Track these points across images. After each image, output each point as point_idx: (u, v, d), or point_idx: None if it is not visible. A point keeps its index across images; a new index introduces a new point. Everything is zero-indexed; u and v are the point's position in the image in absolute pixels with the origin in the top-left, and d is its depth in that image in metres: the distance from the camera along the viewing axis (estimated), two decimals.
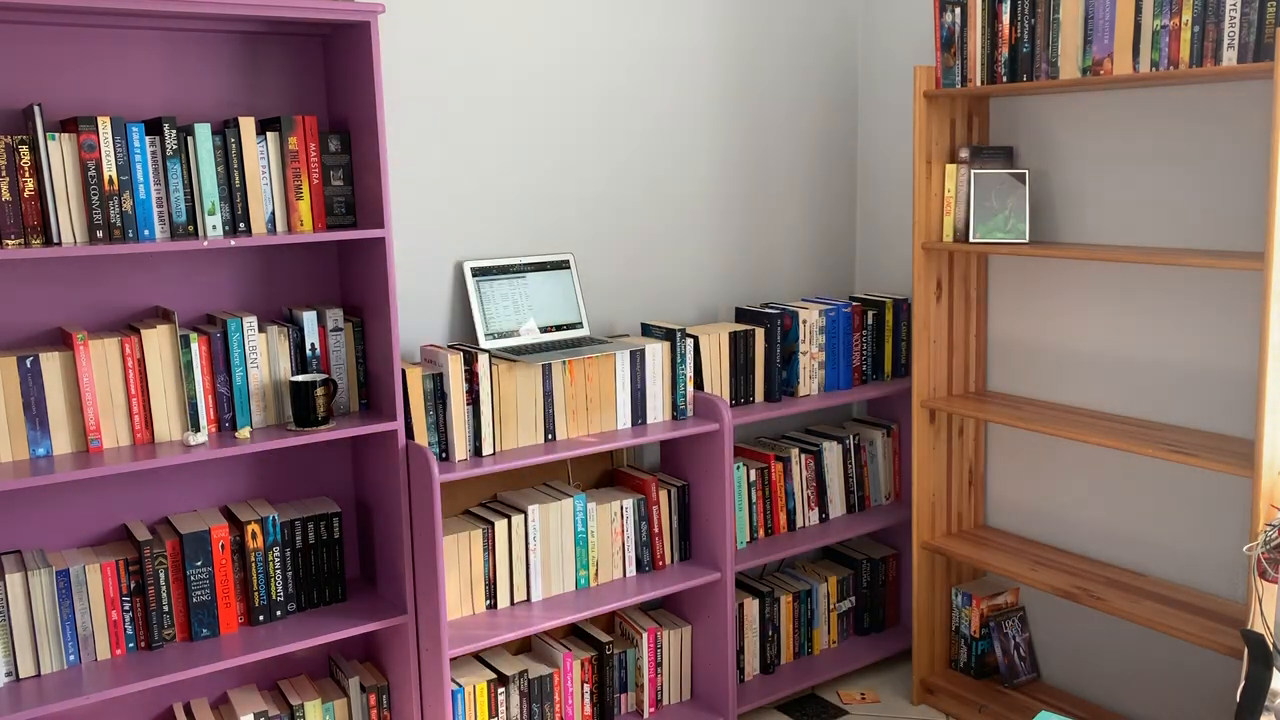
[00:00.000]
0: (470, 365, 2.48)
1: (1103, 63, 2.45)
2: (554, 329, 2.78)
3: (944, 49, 2.79)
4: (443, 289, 2.71)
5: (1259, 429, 2.20)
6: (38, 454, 2.12)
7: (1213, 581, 2.65)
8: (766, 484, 3.05)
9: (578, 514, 2.71)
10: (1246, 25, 2.19)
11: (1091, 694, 2.98)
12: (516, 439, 2.58)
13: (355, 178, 2.39)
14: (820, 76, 3.33)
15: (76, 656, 2.18)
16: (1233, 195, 2.50)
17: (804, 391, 3.07)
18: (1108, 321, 2.79)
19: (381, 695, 2.55)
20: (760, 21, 3.18)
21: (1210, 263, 2.29)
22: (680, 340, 2.78)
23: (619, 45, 2.92)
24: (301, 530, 2.41)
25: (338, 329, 2.42)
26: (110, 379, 2.17)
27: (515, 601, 2.65)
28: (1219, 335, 2.56)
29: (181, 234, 2.20)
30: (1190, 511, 2.68)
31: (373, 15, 2.24)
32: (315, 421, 2.31)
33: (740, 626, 3.04)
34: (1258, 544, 2.15)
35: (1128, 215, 2.71)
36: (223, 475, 2.46)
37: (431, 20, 2.62)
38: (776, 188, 3.28)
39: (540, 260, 2.79)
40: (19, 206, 2.02)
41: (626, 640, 2.91)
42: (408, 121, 2.61)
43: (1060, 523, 2.99)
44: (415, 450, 2.38)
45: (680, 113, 3.06)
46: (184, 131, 2.18)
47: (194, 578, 2.27)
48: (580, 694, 2.78)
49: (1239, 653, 2.22)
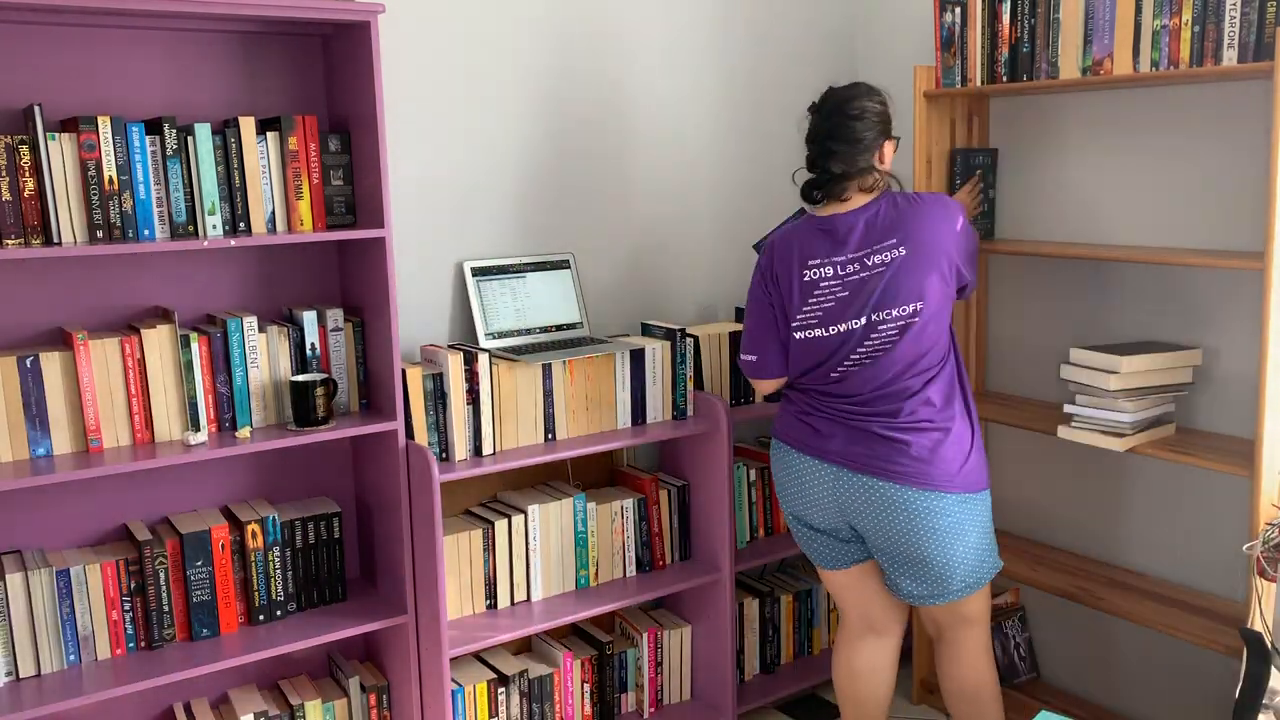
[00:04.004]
0: (470, 365, 2.48)
1: (1103, 63, 2.45)
2: (554, 329, 2.78)
3: (944, 49, 2.79)
4: (443, 289, 2.71)
5: (1259, 429, 2.20)
6: (38, 454, 2.12)
7: (1213, 581, 2.65)
8: (766, 484, 3.05)
9: (578, 514, 2.71)
10: (1246, 25, 2.19)
11: (1091, 694, 2.98)
12: (516, 439, 2.58)
13: (355, 178, 2.39)
14: (821, 76, 3.33)
15: (76, 656, 2.18)
16: (1233, 195, 2.50)
17: None
18: (1108, 321, 2.79)
19: (381, 695, 2.55)
20: (761, 21, 3.18)
21: (1210, 263, 2.29)
22: (680, 340, 2.78)
23: (619, 45, 2.92)
24: (301, 530, 2.41)
25: (338, 329, 2.42)
26: (110, 379, 2.17)
27: (515, 601, 2.65)
28: (1219, 335, 2.56)
29: (181, 234, 2.20)
30: (1190, 511, 2.68)
31: (373, 15, 2.24)
32: (315, 421, 2.31)
33: (740, 626, 3.04)
34: (1257, 544, 2.15)
35: (1128, 215, 2.71)
36: (223, 475, 2.46)
37: (431, 20, 2.62)
38: (777, 186, 3.28)
39: (540, 260, 2.79)
40: (19, 206, 2.02)
41: (626, 640, 2.91)
42: (408, 121, 2.62)
43: (1060, 523, 2.99)
44: (415, 450, 2.38)
45: (681, 112, 3.06)
46: (184, 131, 2.18)
47: (194, 578, 2.27)
48: (580, 694, 2.78)
49: (1239, 652, 2.22)
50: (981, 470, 2.27)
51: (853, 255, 2.24)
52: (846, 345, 2.24)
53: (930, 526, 2.21)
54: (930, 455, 2.20)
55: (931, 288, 2.19)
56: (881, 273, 2.20)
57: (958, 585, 2.29)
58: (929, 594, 2.31)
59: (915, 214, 2.22)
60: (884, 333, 2.21)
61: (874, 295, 2.20)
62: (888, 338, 2.21)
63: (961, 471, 2.22)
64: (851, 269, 2.24)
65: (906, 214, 2.22)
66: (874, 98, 2.29)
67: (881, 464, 2.21)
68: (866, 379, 2.24)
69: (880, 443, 2.22)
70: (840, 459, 2.26)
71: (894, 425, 2.22)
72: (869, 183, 2.26)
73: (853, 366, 2.25)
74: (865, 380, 2.24)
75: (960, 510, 2.22)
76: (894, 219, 2.22)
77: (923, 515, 2.20)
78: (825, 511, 2.33)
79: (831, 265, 2.26)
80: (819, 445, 2.30)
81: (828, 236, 2.27)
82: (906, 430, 2.21)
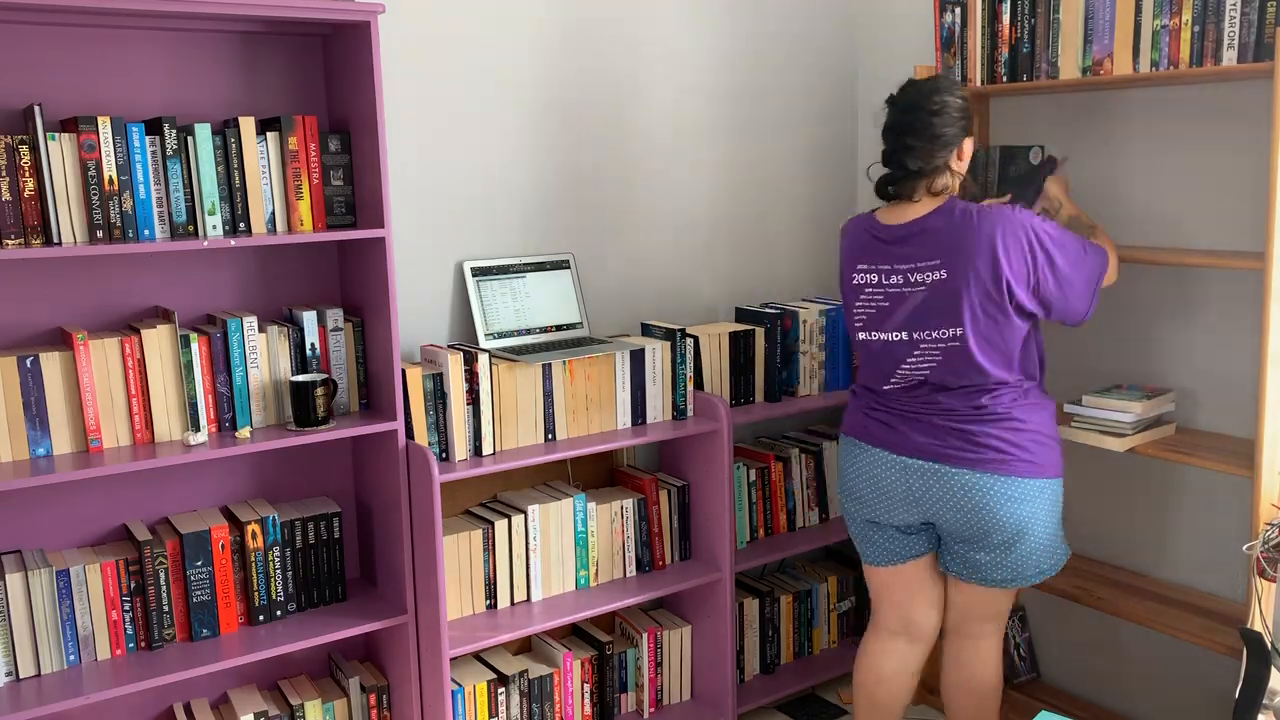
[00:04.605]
0: (470, 365, 2.48)
1: (1103, 63, 2.45)
2: (554, 329, 2.78)
3: (944, 49, 2.79)
4: (443, 289, 2.71)
5: (1259, 429, 2.20)
6: (38, 454, 2.12)
7: (1213, 581, 2.65)
8: (766, 484, 3.05)
9: (578, 514, 2.71)
10: (1246, 25, 2.19)
11: (1091, 694, 2.98)
12: (516, 439, 2.58)
13: (355, 178, 2.39)
14: (820, 76, 3.33)
15: (76, 656, 2.18)
16: (1233, 195, 2.50)
17: (804, 391, 3.07)
18: (1107, 321, 2.79)
19: (381, 695, 2.55)
20: (761, 21, 3.18)
21: (1210, 262, 2.29)
22: (680, 340, 2.78)
23: (619, 46, 2.92)
24: (301, 530, 2.41)
25: (338, 329, 2.42)
26: (110, 379, 2.17)
27: (515, 601, 2.65)
28: (1219, 335, 2.56)
29: (181, 234, 2.20)
30: (1190, 511, 2.68)
31: (373, 15, 2.24)
32: (315, 421, 2.31)
33: (740, 626, 3.04)
34: (1258, 544, 2.15)
35: (1128, 215, 2.71)
36: (223, 475, 2.46)
37: (431, 20, 2.62)
38: (777, 187, 3.28)
39: (540, 260, 2.79)
40: (19, 206, 2.02)
41: (626, 640, 2.91)
42: (408, 121, 2.61)
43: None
44: (415, 450, 2.38)
45: (681, 112, 3.06)
46: (184, 131, 2.18)
47: (194, 578, 2.27)
48: (580, 694, 2.78)
49: (1238, 652, 2.22)
50: (1054, 457, 2.24)
51: (898, 267, 2.20)
52: (895, 353, 2.23)
53: (1009, 512, 2.18)
54: (1007, 442, 2.17)
55: (970, 314, 2.13)
56: (921, 292, 2.17)
57: (1031, 571, 2.26)
58: (1005, 578, 2.27)
59: (968, 234, 2.12)
60: (928, 351, 2.19)
61: (911, 312, 2.19)
62: (932, 357, 2.19)
63: (1042, 456, 2.19)
64: (895, 280, 2.21)
65: (960, 233, 2.13)
66: (955, 92, 2.19)
67: (953, 452, 2.19)
68: (926, 387, 2.23)
69: (948, 433, 2.21)
70: (912, 451, 2.24)
71: (962, 416, 2.20)
72: (939, 185, 2.19)
73: (908, 377, 2.24)
74: (926, 387, 2.24)
75: (1039, 495, 2.19)
76: (946, 236, 2.14)
77: (1002, 501, 2.17)
78: (894, 502, 2.30)
79: (877, 273, 2.23)
80: (887, 438, 2.28)
81: (880, 243, 2.24)
82: (973, 421, 2.19)
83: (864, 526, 2.41)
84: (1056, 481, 2.24)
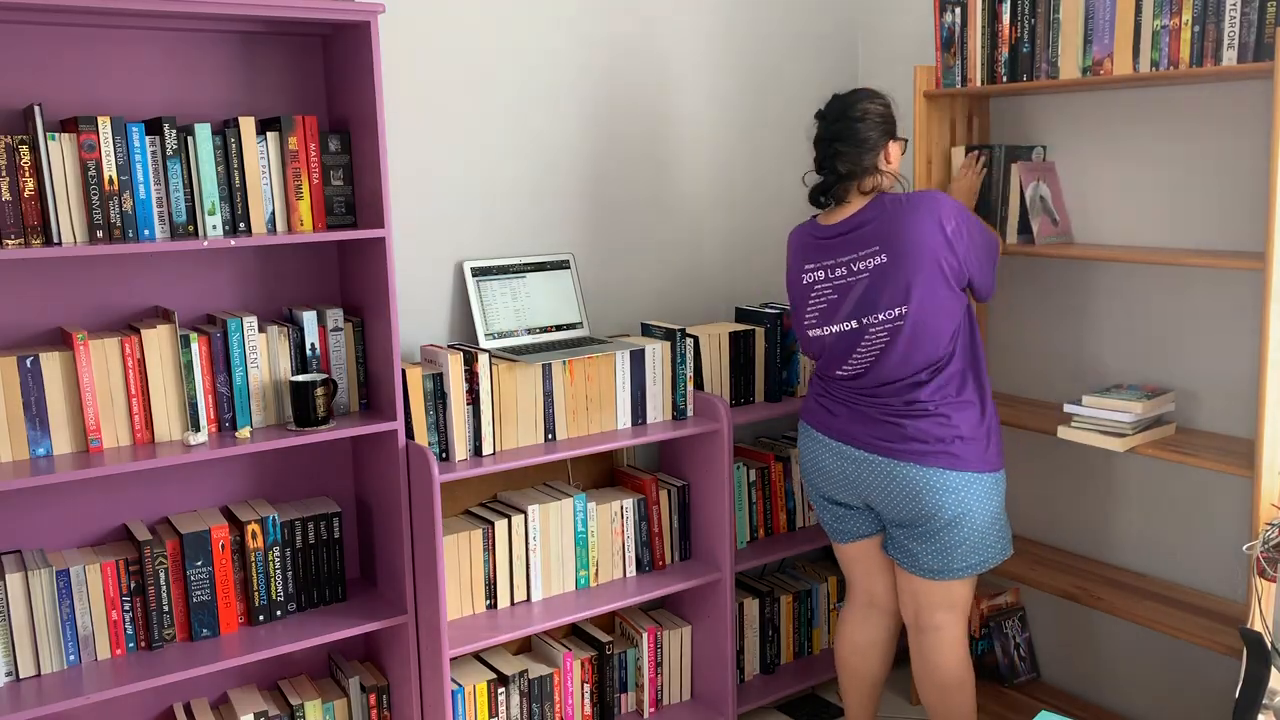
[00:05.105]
0: (470, 365, 2.48)
1: (1103, 63, 2.45)
2: (554, 329, 2.78)
3: (944, 49, 2.79)
4: (443, 289, 2.71)
5: (1259, 429, 2.20)
6: (38, 454, 2.12)
7: (1213, 581, 2.65)
8: (766, 484, 3.05)
9: (578, 514, 2.71)
10: (1246, 25, 2.19)
11: (1091, 694, 2.98)
12: (516, 439, 2.58)
13: (355, 178, 2.39)
14: (820, 76, 3.33)
15: (76, 656, 2.18)
16: (1233, 195, 2.50)
17: (804, 391, 3.07)
18: (1107, 321, 2.79)
19: (381, 695, 2.55)
20: (760, 21, 3.18)
21: (1210, 262, 2.29)
22: (680, 340, 2.78)
23: (619, 45, 2.92)
24: (301, 530, 2.41)
25: (338, 329, 2.42)
26: (110, 379, 2.17)
27: (515, 601, 2.65)
28: (1219, 335, 2.56)
29: (181, 234, 2.20)
30: (1190, 511, 2.68)
31: (373, 15, 2.24)
32: (315, 421, 2.31)
33: (740, 626, 3.04)
34: (1258, 544, 2.15)
35: (1128, 215, 2.71)
36: (223, 475, 2.45)
37: (431, 20, 2.62)
38: (777, 186, 3.28)
39: (540, 260, 2.79)
40: (19, 206, 2.02)
41: (626, 640, 2.91)
42: (408, 121, 2.61)
43: (1060, 523, 2.99)
44: (415, 450, 2.38)
45: (681, 112, 3.06)
46: (184, 131, 2.18)
47: (194, 578, 2.27)
48: (580, 694, 2.78)
49: (1238, 652, 2.22)
50: (990, 453, 2.35)
51: (840, 260, 2.35)
52: (845, 344, 2.37)
53: (935, 502, 2.31)
54: (931, 436, 2.30)
55: (917, 292, 2.27)
56: (865, 279, 2.32)
57: (959, 565, 2.37)
58: (935, 567, 2.38)
59: (899, 219, 2.29)
60: (876, 335, 2.33)
61: (859, 300, 2.33)
62: (879, 340, 2.32)
63: (966, 451, 2.31)
64: (840, 272, 2.36)
65: (892, 219, 2.30)
66: (876, 100, 2.39)
67: (885, 443, 2.34)
68: (873, 375, 2.36)
69: (881, 424, 2.35)
70: (849, 438, 2.40)
71: (894, 410, 2.34)
72: (868, 185, 2.36)
73: (859, 363, 2.37)
74: (872, 376, 2.36)
75: (966, 488, 2.31)
76: (879, 225, 2.31)
77: (926, 491, 2.31)
78: (838, 485, 2.47)
79: (823, 269, 2.39)
80: (829, 424, 2.46)
81: (821, 242, 2.40)
82: (904, 415, 2.33)
83: (823, 504, 2.57)
84: (990, 476, 2.34)
